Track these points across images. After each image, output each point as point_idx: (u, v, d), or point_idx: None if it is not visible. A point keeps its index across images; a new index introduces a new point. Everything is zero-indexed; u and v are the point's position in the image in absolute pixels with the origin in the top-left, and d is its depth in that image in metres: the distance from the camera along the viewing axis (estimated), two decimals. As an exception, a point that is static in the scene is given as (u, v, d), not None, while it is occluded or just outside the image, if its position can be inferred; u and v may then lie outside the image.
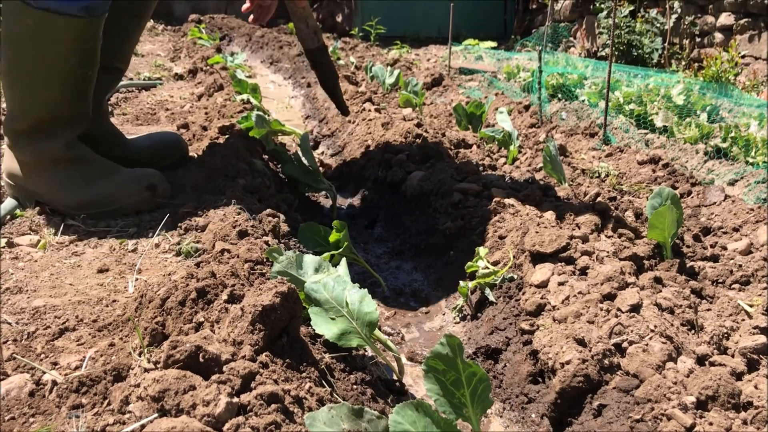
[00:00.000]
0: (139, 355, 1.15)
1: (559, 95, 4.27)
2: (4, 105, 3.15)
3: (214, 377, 0.97)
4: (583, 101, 4.02)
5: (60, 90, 1.94)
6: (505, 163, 2.84)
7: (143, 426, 0.92)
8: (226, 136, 2.54)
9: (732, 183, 2.72)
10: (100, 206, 1.98)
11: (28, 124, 1.95)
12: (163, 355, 1.02)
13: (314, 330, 1.33)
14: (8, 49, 1.88)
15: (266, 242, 1.63)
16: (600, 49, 6.45)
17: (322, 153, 3.46)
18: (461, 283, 1.76)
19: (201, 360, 1.00)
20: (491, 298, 1.66)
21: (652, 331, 1.31)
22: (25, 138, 1.96)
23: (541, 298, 1.51)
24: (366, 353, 1.47)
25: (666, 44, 5.72)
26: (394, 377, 1.46)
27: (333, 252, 1.85)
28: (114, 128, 2.39)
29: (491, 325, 1.58)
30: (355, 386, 1.28)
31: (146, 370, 1.09)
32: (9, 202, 2.03)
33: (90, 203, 1.97)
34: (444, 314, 1.81)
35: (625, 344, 1.29)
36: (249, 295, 1.18)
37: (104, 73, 2.26)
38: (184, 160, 2.39)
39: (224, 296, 1.20)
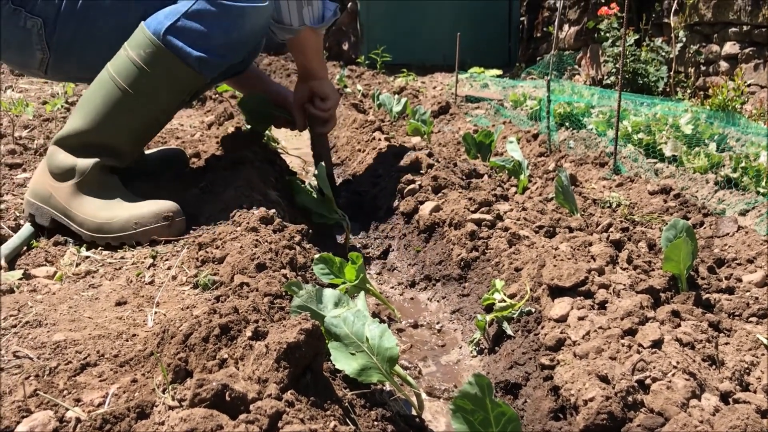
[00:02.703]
0: (163, 392, 1.15)
1: (567, 124, 4.29)
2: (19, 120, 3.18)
3: (241, 417, 0.97)
4: (591, 130, 4.04)
5: (135, 122, 2.14)
6: (515, 193, 2.85)
7: (171, 467, 0.92)
8: (239, 167, 2.56)
9: (743, 213, 2.72)
10: (114, 231, 1.99)
11: (82, 142, 2.07)
12: (189, 393, 1.01)
13: (334, 365, 1.33)
14: (114, 72, 2.08)
15: (284, 275, 1.63)
16: (605, 77, 6.50)
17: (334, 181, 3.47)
18: (478, 316, 1.75)
19: (227, 399, 1.00)
20: (509, 331, 1.66)
21: (675, 367, 1.31)
22: (67, 150, 2.06)
23: (561, 332, 1.50)
24: (385, 388, 1.47)
25: (671, 73, 5.76)
26: (413, 413, 1.45)
27: (348, 284, 1.86)
28: None
29: (510, 359, 1.57)
30: (376, 423, 1.28)
31: (170, 408, 1.09)
32: (26, 229, 2.04)
33: (105, 226, 1.99)
34: (461, 347, 1.80)
35: (648, 381, 1.28)
36: (273, 331, 1.18)
37: None
38: (184, 168, 2.83)
39: (248, 333, 1.20)
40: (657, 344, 1.39)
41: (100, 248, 1.99)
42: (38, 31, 2.21)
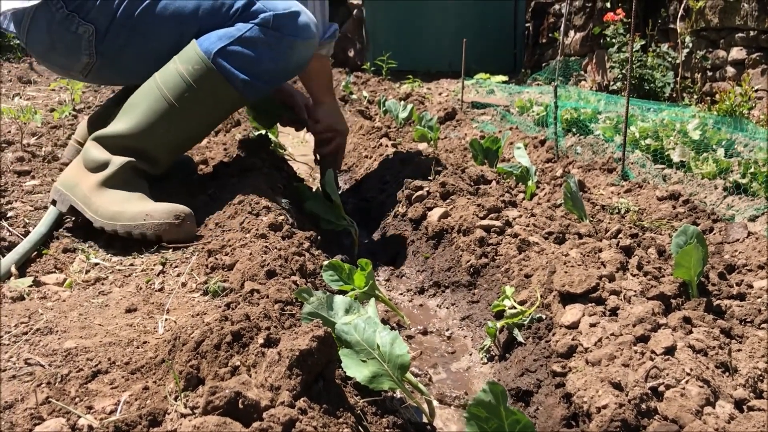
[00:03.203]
0: (175, 399, 1.14)
1: (574, 130, 4.29)
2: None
3: (255, 425, 0.96)
4: (598, 136, 4.04)
5: (174, 134, 2.21)
6: (524, 199, 2.84)
7: (185, 475, 0.92)
8: (247, 173, 2.56)
9: (753, 219, 2.71)
10: (124, 219, 2.00)
11: (121, 144, 2.14)
12: (202, 400, 1.01)
13: (345, 372, 1.33)
14: (161, 82, 2.16)
15: (294, 282, 1.63)
16: (611, 83, 6.49)
17: (339, 188, 3.47)
18: (489, 323, 1.75)
19: (240, 406, 1.00)
20: (520, 338, 1.65)
21: (688, 374, 1.30)
22: (103, 147, 2.13)
23: (573, 339, 1.50)
24: (395, 395, 1.46)
25: (678, 78, 5.75)
26: (425, 420, 1.44)
27: (357, 290, 1.85)
28: None
29: (521, 366, 1.57)
30: (387, 430, 1.27)
31: (183, 416, 1.09)
32: (35, 233, 2.05)
33: (117, 215, 2.02)
34: (471, 354, 1.80)
35: (661, 388, 1.27)
36: (285, 338, 1.18)
37: None
38: (192, 175, 2.84)
39: (260, 340, 1.20)
40: (670, 351, 1.39)
41: (109, 255, 1.99)
42: (89, 38, 2.26)
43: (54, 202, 2.12)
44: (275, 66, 2.25)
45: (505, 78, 7.71)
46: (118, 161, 2.10)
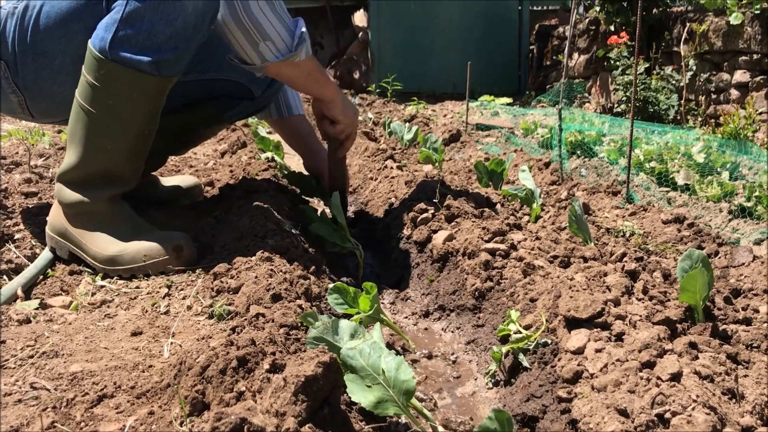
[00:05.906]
0: (180, 424, 1.14)
1: (578, 152, 4.30)
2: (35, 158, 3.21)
3: (260, 452, 0.96)
4: (603, 158, 4.05)
5: (120, 142, 2.08)
6: (528, 222, 2.85)
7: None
8: (253, 195, 2.57)
9: (758, 242, 2.71)
10: (124, 263, 2.00)
11: (81, 175, 2.08)
12: (208, 426, 1.01)
13: (350, 398, 1.33)
14: (81, 99, 2.04)
15: (299, 306, 1.63)
16: (615, 105, 6.52)
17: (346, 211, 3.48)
18: (494, 347, 1.74)
19: (246, 433, 1.00)
20: (525, 363, 1.65)
21: (695, 401, 1.29)
22: (72, 186, 2.08)
23: (578, 365, 1.49)
24: (401, 421, 1.46)
25: (682, 101, 5.77)
26: (430, 446, 1.43)
27: (362, 314, 1.85)
28: (155, 177, 2.87)
29: (527, 391, 1.56)
30: (392, 456, 1.27)
31: (188, 441, 1.09)
32: (42, 258, 2.07)
33: (116, 259, 2.01)
34: (476, 379, 1.79)
35: (667, 415, 1.27)
36: (290, 364, 1.18)
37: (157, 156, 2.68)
38: (199, 197, 2.90)
39: (266, 365, 1.20)
40: (676, 377, 1.38)
41: (115, 277, 2.00)
42: (4, 75, 2.18)
43: (53, 249, 2.13)
44: (173, 27, 1.98)
45: (509, 100, 7.75)
46: (89, 200, 2.07)
